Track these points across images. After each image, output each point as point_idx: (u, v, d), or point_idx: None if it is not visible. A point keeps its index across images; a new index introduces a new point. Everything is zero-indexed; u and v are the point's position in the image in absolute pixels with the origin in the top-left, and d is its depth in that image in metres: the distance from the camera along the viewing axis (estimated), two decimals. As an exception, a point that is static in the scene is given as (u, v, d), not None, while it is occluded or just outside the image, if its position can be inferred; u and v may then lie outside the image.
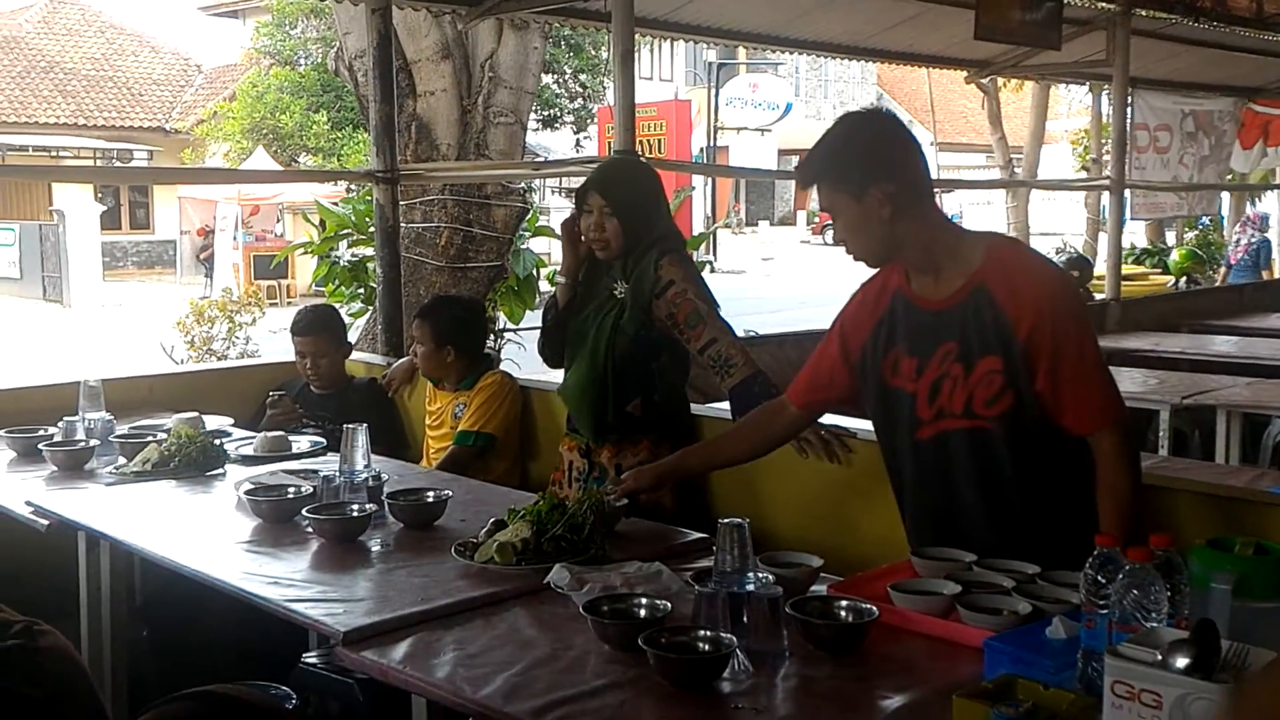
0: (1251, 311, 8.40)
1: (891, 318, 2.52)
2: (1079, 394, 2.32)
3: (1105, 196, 8.32)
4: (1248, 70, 9.61)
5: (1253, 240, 13.00)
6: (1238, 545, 1.97)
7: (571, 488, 3.34)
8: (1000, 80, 10.55)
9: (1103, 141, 9.92)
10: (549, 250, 9.82)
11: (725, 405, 3.31)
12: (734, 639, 1.96)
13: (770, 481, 3.32)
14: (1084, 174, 16.72)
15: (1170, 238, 16.42)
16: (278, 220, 22.74)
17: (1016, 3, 6.47)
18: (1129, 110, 8.42)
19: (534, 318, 4.01)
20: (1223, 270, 13.74)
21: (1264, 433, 5.35)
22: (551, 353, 3.52)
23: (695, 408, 3.53)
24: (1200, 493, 2.75)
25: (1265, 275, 13.21)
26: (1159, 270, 14.06)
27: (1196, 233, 15.66)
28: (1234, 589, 1.85)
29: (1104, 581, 1.75)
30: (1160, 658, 1.51)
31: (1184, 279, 13.81)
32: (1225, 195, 14.76)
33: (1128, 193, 8.14)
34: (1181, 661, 1.49)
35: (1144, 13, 7.33)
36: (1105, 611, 1.72)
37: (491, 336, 7.03)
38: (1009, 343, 2.33)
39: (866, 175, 2.36)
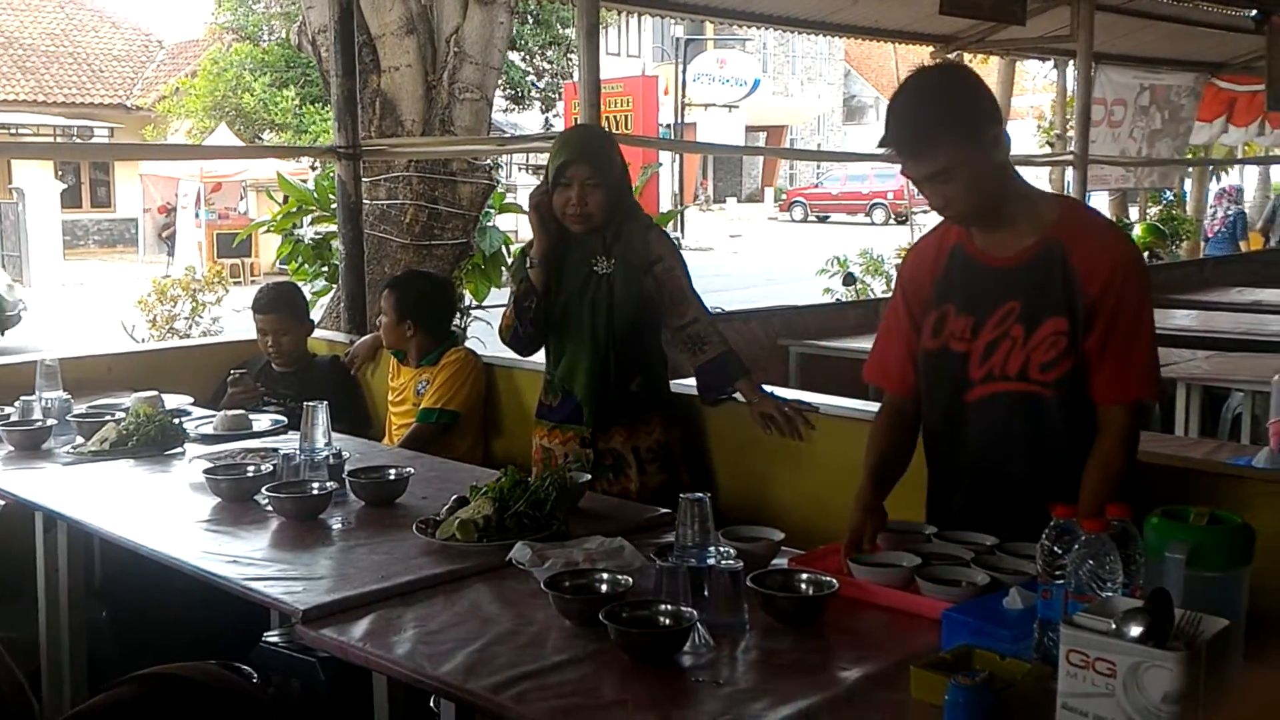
0: (1213, 286, 8.48)
1: (948, 275, 2.41)
2: (1121, 361, 2.26)
3: (1069, 172, 8.35)
4: (1211, 45, 9.66)
5: (1229, 212, 13.11)
6: (1192, 515, 1.99)
7: None
8: (966, 56, 10.54)
9: (1067, 117, 9.94)
10: (516, 228, 9.77)
11: (693, 381, 3.30)
12: (694, 613, 1.97)
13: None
14: (1048, 149, 16.76)
15: (1134, 213, 16.52)
16: (241, 198, 22.48)
17: (981, -23, 6.48)
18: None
19: (499, 295, 3.91)
20: (1192, 244, 13.85)
21: (1223, 406, 5.41)
22: (529, 342, 3.32)
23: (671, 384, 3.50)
24: (1159, 465, 2.77)
25: (1243, 246, 13.31)
26: (1121, 245, 14.15)
27: (1160, 208, 15.76)
28: (1188, 559, 1.87)
29: (1060, 552, 1.77)
30: (1114, 627, 1.53)
31: (1146, 254, 13.94)
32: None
33: (1085, 166, 8.18)
34: (1135, 630, 1.51)
35: (1108, -13, 7.37)
36: (1061, 582, 1.74)
37: (459, 314, 6.98)
38: (1076, 302, 2.25)
39: (990, 119, 2.27)
